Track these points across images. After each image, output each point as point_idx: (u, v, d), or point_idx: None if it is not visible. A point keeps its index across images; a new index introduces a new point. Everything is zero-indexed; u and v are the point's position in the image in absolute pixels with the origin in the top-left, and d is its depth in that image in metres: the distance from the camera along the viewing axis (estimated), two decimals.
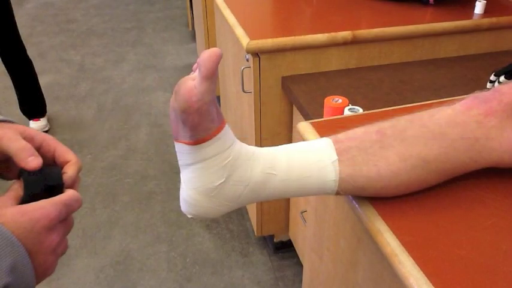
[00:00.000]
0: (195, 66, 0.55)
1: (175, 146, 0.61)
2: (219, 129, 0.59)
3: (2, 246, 0.43)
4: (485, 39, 1.50)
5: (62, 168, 0.55)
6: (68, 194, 0.52)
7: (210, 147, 0.59)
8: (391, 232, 0.62)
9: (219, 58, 0.53)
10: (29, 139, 0.54)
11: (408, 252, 0.60)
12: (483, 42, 1.51)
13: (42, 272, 0.49)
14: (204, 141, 0.58)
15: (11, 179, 0.57)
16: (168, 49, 3.69)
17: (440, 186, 0.67)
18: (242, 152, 0.62)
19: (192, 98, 0.54)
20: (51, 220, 0.48)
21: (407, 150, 0.63)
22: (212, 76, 0.53)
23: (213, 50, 0.53)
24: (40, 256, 0.48)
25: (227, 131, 0.60)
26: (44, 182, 0.51)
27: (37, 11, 4.55)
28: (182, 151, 0.60)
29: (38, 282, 0.49)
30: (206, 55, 0.53)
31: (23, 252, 0.45)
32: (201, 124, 0.56)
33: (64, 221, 0.52)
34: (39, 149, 0.55)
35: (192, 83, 0.55)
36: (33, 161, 0.51)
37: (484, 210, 0.65)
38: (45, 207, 0.48)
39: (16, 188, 0.51)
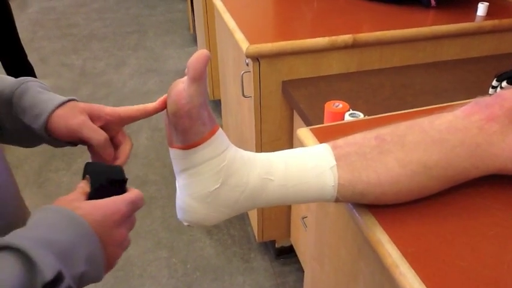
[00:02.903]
0: (186, 69, 0.54)
1: (170, 153, 0.60)
2: (212, 133, 0.58)
3: (83, 236, 0.47)
4: (487, 41, 1.49)
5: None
6: (135, 192, 0.56)
7: (203, 152, 0.58)
8: (392, 242, 0.61)
9: (207, 60, 0.52)
10: (96, 118, 0.62)
11: (409, 264, 0.58)
12: (485, 44, 1.49)
13: (110, 263, 0.52)
14: (196, 146, 0.57)
15: (75, 145, 0.65)
16: (170, 53, 3.69)
17: (442, 194, 0.66)
18: (237, 157, 0.61)
19: (181, 100, 0.53)
20: (122, 216, 0.52)
21: (407, 156, 0.62)
22: (200, 78, 0.53)
23: (201, 52, 0.52)
24: (110, 248, 0.51)
25: (220, 135, 0.59)
26: (109, 176, 0.56)
27: (38, 15, 4.55)
28: (176, 157, 0.59)
29: (104, 273, 0.52)
30: (194, 57, 0.52)
31: (98, 244, 0.49)
32: (192, 127, 0.55)
33: (129, 217, 0.55)
34: (104, 127, 0.62)
35: (181, 86, 0.54)
36: (110, 154, 0.61)
37: (488, 220, 0.64)
38: (117, 203, 0.52)
39: (82, 185, 0.55)
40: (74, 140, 0.62)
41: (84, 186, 0.55)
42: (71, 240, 0.46)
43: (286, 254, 1.83)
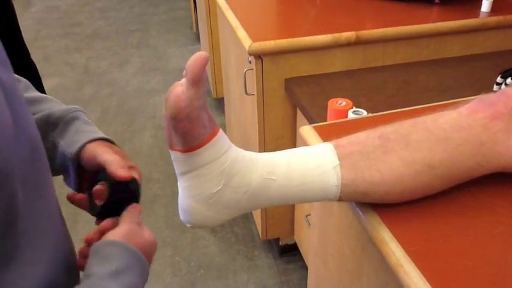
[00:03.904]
0: (184, 71, 0.54)
1: (171, 155, 0.60)
2: (212, 135, 0.57)
3: (144, 272, 0.55)
4: (492, 38, 1.48)
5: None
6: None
7: (204, 154, 0.57)
8: (396, 241, 0.61)
9: (205, 62, 0.52)
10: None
11: (414, 262, 0.58)
12: (490, 41, 1.48)
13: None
14: (197, 148, 0.57)
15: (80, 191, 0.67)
16: (173, 51, 3.69)
17: (446, 193, 0.65)
18: (239, 158, 0.61)
19: (180, 103, 0.53)
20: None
21: (411, 155, 0.61)
22: (199, 81, 0.52)
23: (199, 54, 0.51)
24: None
25: (221, 137, 0.59)
26: (125, 192, 0.61)
27: (42, 14, 4.56)
28: (177, 159, 0.59)
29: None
30: (192, 60, 0.51)
31: (147, 275, 0.56)
32: (192, 130, 0.55)
33: None
34: None
35: (180, 88, 0.53)
36: (122, 172, 0.60)
37: (492, 218, 0.63)
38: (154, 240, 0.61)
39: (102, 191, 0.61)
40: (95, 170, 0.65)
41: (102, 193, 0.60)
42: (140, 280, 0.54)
43: (290, 252, 1.83)
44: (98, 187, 0.61)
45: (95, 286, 0.49)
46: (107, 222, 0.61)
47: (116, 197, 0.60)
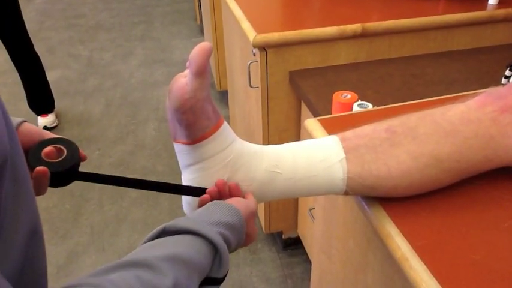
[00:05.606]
0: (188, 63, 0.53)
1: (175, 147, 0.59)
2: (216, 127, 0.56)
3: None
4: (499, 30, 1.46)
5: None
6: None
7: (208, 146, 0.57)
8: (402, 235, 0.60)
9: (209, 52, 0.51)
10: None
11: (420, 257, 0.57)
12: (498, 33, 1.46)
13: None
14: (201, 140, 0.56)
15: None
16: (176, 43, 3.67)
17: (453, 186, 0.64)
18: (244, 151, 0.60)
19: (184, 95, 0.52)
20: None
21: (419, 148, 0.60)
22: (203, 72, 0.51)
23: (202, 45, 0.50)
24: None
25: (226, 129, 0.58)
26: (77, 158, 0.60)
27: (45, 6, 4.54)
28: (181, 151, 0.58)
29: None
30: (196, 51, 0.51)
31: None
32: (197, 122, 0.54)
33: None
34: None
35: (184, 80, 0.53)
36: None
37: (500, 212, 0.62)
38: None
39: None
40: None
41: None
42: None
43: (293, 245, 1.83)
44: (50, 148, 0.59)
45: (202, 228, 0.53)
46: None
47: (74, 159, 0.59)
